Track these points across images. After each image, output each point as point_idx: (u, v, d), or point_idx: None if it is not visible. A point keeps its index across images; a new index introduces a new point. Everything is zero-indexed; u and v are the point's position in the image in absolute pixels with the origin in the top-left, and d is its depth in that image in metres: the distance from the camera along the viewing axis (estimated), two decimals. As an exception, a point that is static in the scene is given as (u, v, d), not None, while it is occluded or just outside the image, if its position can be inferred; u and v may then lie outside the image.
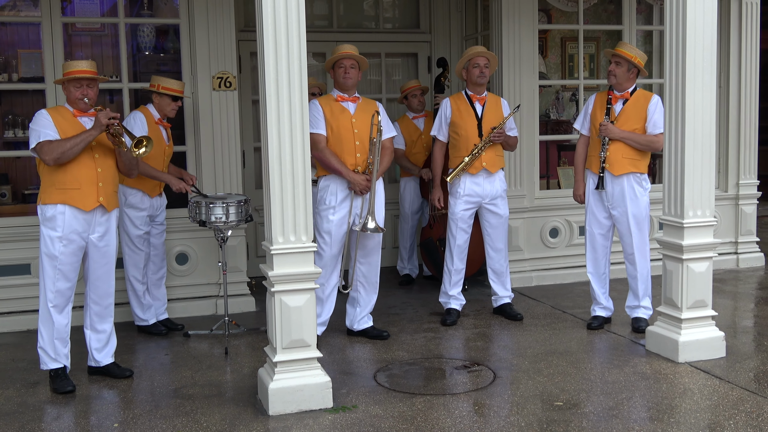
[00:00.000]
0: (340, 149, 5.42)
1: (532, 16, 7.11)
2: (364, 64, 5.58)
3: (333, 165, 5.37)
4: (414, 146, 7.22)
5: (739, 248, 7.94)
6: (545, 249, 7.35)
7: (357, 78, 5.53)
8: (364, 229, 5.40)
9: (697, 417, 4.14)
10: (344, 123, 5.45)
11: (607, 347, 5.41)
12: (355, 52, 5.49)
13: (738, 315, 6.29)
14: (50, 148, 4.54)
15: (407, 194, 7.39)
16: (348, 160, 5.44)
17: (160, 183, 5.80)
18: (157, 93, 5.72)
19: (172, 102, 5.76)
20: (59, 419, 4.35)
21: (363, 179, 5.42)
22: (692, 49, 4.88)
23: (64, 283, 4.69)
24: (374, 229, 5.42)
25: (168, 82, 5.74)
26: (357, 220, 5.47)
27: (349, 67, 5.46)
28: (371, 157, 5.43)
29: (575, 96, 8.10)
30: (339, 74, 5.48)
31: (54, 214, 4.63)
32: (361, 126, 5.49)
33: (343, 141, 5.43)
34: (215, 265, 6.38)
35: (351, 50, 5.49)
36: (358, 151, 5.46)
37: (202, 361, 5.28)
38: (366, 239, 5.57)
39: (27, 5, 6.72)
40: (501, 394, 4.56)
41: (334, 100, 5.52)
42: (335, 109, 5.48)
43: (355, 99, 5.58)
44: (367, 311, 5.73)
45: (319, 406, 4.30)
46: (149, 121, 5.68)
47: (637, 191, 5.60)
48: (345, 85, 5.50)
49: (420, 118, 7.30)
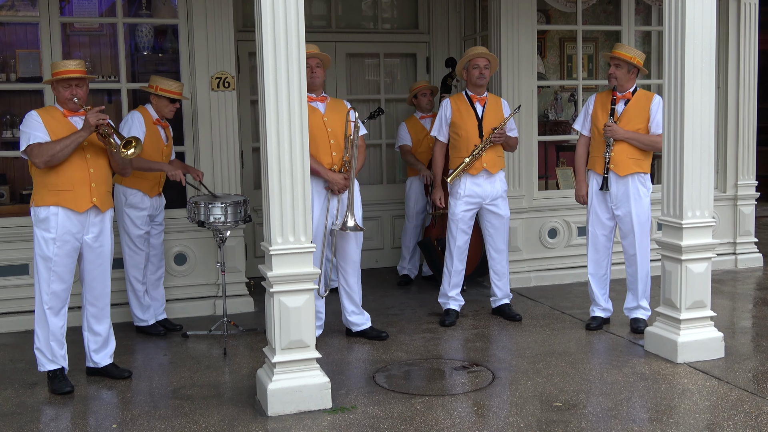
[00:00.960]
0: (315, 149, 5.35)
1: (530, 17, 7.11)
2: (328, 62, 5.56)
3: (310, 165, 5.31)
4: (420, 145, 7.24)
5: (738, 249, 7.94)
6: (544, 249, 7.35)
7: (323, 77, 5.52)
8: (343, 228, 5.38)
9: (696, 417, 4.14)
10: (316, 123, 5.40)
11: (606, 348, 5.41)
12: (317, 51, 5.46)
13: (737, 315, 6.29)
14: (40, 151, 4.52)
15: (412, 193, 7.41)
16: (324, 159, 5.41)
17: (159, 182, 5.79)
18: (155, 94, 5.71)
19: (169, 104, 5.75)
20: (57, 420, 4.34)
21: (341, 178, 5.40)
22: (691, 50, 4.88)
23: (59, 285, 4.66)
24: (353, 227, 5.40)
25: (166, 83, 5.72)
26: (335, 220, 5.45)
27: (314, 67, 5.41)
28: (347, 155, 5.41)
29: (574, 96, 8.10)
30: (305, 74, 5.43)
31: (47, 215, 4.61)
32: (333, 125, 5.47)
33: (317, 140, 5.38)
34: (214, 266, 6.37)
35: (314, 49, 5.44)
36: (333, 149, 5.44)
37: (200, 361, 5.27)
38: (344, 240, 5.55)
39: (25, 5, 6.71)
40: (500, 395, 4.55)
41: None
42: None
43: (323, 98, 5.55)
44: (356, 312, 5.67)
45: (318, 407, 4.30)
46: (147, 121, 5.67)
47: (641, 191, 5.60)
48: (313, 85, 5.41)
49: (427, 118, 7.32)
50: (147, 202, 5.74)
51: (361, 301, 5.71)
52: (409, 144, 7.27)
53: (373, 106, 7.92)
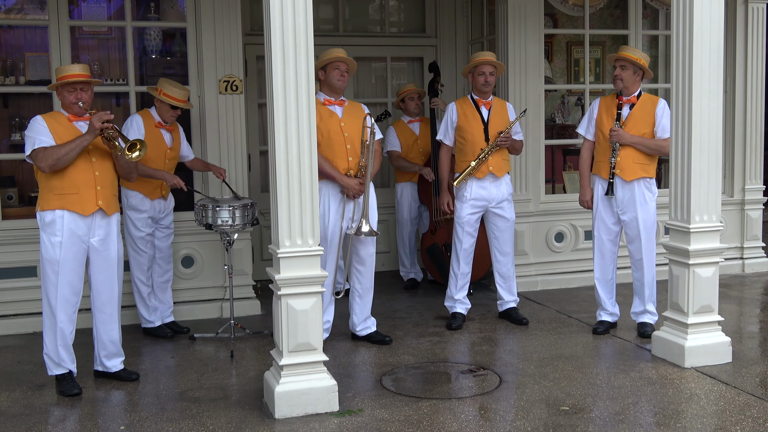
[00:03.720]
0: (332, 154, 5.38)
1: (537, 21, 7.12)
2: (354, 68, 5.58)
3: (326, 170, 5.29)
4: (410, 150, 7.21)
5: (745, 253, 7.93)
6: (551, 253, 7.35)
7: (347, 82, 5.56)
8: (358, 232, 5.38)
9: (704, 422, 4.13)
10: (334, 127, 5.42)
11: (612, 352, 5.40)
12: (346, 56, 5.48)
13: (744, 320, 6.28)
14: (45, 155, 4.52)
15: (404, 200, 7.36)
16: (340, 164, 5.41)
17: (161, 186, 5.79)
18: (158, 98, 5.73)
19: (170, 110, 5.74)
20: (65, 422, 4.35)
21: (356, 183, 5.40)
22: (699, 54, 4.87)
23: (67, 289, 4.65)
24: (368, 232, 5.39)
25: (170, 89, 5.71)
26: (350, 224, 5.46)
27: (344, 71, 5.46)
28: (363, 160, 5.42)
29: (581, 100, 8.10)
30: (334, 76, 5.44)
31: (53, 218, 4.61)
32: (350, 129, 5.46)
33: (334, 145, 5.39)
34: (221, 268, 6.38)
35: (343, 54, 5.47)
36: (349, 154, 5.43)
37: (207, 364, 5.28)
38: (360, 244, 5.55)
39: (34, 8, 6.74)
40: (507, 399, 4.55)
41: (321, 103, 5.45)
42: (324, 113, 5.42)
43: (342, 102, 5.56)
44: (365, 316, 5.69)
45: (325, 410, 4.30)
46: (148, 125, 5.68)
47: (647, 196, 5.60)
48: (339, 89, 5.47)
49: (415, 123, 7.29)
50: (147, 204, 5.75)
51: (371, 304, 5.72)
52: (398, 149, 7.21)
53: (380, 109, 7.93)
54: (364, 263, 5.60)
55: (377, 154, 5.55)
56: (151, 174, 5.63)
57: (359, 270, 5.62)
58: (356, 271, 5.62)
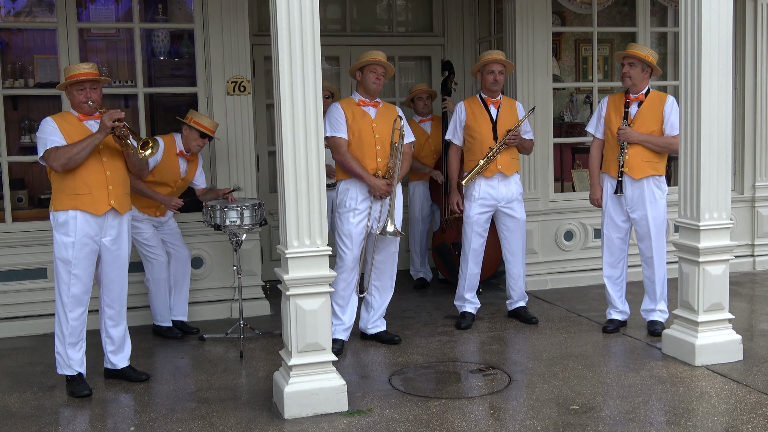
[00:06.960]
0: (361, 154, 5.42)
1: (545, 19, 7.10)
2: (391, 72, 5.60)
3: (354, 169, 5.36)
4: (422, 150, 7.21)
5: (756, 251, 7.88)
6: (560, 252, 7.33)
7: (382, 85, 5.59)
8: (383, 232, 5.41)
9: (715, 421, 4.11)
10: (365, 127, 5.46)
11: (623, 351, 5.38)
12: (384, 59, 5.50)
13: (755, 318, 6.24)
14: (57, 155, 4.54)
15: (417, 198, 7.37)
16: (369, 164, 5.43)
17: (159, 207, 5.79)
18: (188, 125, 5.74)
19: (199, 137, 5.78)
20: (76, 423, 4.37)
21: (383, 184, 5.41)
22: (708, 51, 4.85)
23: (79, 288, 4.69)
24: (393, 232, 5.42)
25: (202, 118, 5.79)
26: (375, 223, 5.48)
27: (380, 74, 5.48)
28: (392, 162, 5.44)
29: (589, 98, 8.07)
30: (370, 78, 5.47)
31: (66, 219, 4.64)
32: (381, 131, 5.48)
33: (364, 145, 5.43)
34: (230, 269, 6.40)
35: (382, 57, 5.49)
36: (379, 155, 5.45)
37: (217, 364, 5.29)
38: (383, 243, 5.56)
39: (43, 11, 6.77)
40: (517, 398, 4.54)
41: (356, 104, 5.51)
42: (357, 113, 5.48)
43: (376, 104, 5.58)
44: (380, 314, 5.73)
45: (335, 410, 4.31)
46: (169, 150, 5.72)
47: (656, 194, 5.58)
48: (374, 91, 5.50)
49: (427, 122, 7.29)
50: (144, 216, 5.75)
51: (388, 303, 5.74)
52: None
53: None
54: (385, 261, 5.62)
55: (407, 156, 5.57)
56: (151, 196, 5.66)
57: (380, 269, 5.63)
58: (377, 270, 5.63)
